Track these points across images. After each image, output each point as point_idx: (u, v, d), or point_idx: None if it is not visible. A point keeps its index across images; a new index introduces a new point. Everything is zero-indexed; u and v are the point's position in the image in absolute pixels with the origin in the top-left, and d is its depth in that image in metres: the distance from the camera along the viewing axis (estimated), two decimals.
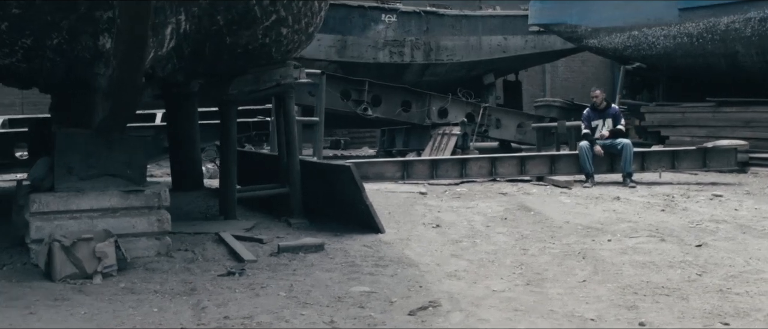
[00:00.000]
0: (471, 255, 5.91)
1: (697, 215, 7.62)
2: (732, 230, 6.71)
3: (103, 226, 5.58)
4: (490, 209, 8.30)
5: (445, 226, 7.23)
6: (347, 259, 5.72)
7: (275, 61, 7.09)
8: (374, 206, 6.82)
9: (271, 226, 7.19)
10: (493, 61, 21.38)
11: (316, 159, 11.45)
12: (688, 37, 14.29)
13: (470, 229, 7.08)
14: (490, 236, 6.68)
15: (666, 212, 7.89)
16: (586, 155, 10.96)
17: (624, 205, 8.48)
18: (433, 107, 17.28)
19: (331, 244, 6.25)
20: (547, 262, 5.61)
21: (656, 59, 15.38)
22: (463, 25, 20.90)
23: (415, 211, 8.11)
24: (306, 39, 7.05)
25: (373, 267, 5.46)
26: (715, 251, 5.88)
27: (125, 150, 5.86)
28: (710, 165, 11.24)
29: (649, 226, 7.01)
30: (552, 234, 6.77)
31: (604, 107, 11.38)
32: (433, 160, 11.71)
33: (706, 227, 6.88)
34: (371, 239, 6.50)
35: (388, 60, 19.82)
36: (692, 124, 14.23)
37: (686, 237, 6.45)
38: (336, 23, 19.06)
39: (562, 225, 7.23)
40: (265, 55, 6.62)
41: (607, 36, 16.17)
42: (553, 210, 8.13)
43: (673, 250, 5.94)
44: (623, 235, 6.65)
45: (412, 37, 20.04)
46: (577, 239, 6.53)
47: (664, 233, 6.66)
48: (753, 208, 8.14)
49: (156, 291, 4.84)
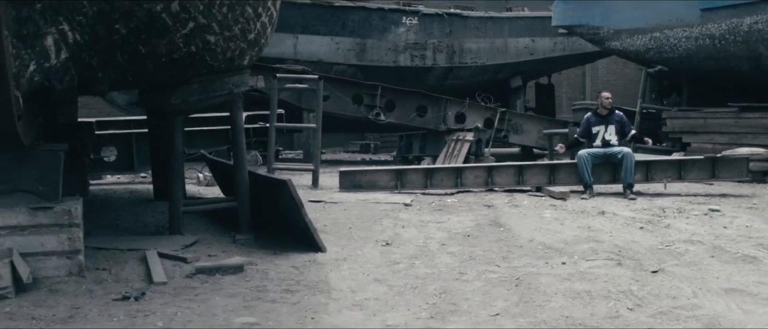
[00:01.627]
0: (399, 279, 5.47)
1: (676, 234, 7.02)
2: (702, 253, 6.12)
3: (10, 245, 5.33)
4: (461, 224, 7.84)
5: (397, 244, 6.80)
6: (262, 283, 5.34)
7: (219, 70, 6.77)
8: (342, 220, 6.45)
9: (214, 242, 6.86)
10: (519, 63, 20.80)
11: (265, 172, 10.99)
12: (710, 39, 13.53)
13: (421, 248, 6.63)
14: (435, 257, 6.23)
15: (644, 231, 7.31)
16: (585, 165, 10.38)
17: (605, 221, 7.92)
18: (449, 111, 16.82)
19: (259, 264, 5.89)
20: (475, 290, 5.14)
21: (678, 62, 14.62)
22: (489, 26, 20.36)
23: (378, 226, 7.69)
24: (249, 46, 6.70)
25: (282, 292, 5.07)
26: (668, 278, 5.32)
27: (38, 165, 5.60)
28: (720, 176, 10.53)
29: (615, 247, 6.46)
30: (505, 255, 6.28)
31: (607, 112, 10.76)
32: (427, 169, 11.27)
33: (674, 250, 6.29)
34: (305, 259, 6.12)
35: (409, 63, 19.41)
36: (713, 130, 13.47)
37: (647, 261, 5.89)
38: (355, 26, 18.76)
39: (524, 244, 6.73)
40: (199, 64, 6.30)
41: (629, 38, 15.46)
42: (525, 226, 7.63)
43: (623, 277, 5.40)
44: (581, 257, 6.12)
45: (434, 40, 19.59)
46: (528, 261, 6.04)
47: (626, 255, 6.11)
48: (744, 226, 7.49)
49: (34, 317, 4.55)
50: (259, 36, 6.74)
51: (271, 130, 12.11)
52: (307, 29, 18.24)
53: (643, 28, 15.00)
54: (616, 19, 15.72)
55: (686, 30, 13.96)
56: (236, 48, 6.43)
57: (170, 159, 7.06)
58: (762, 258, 5.84)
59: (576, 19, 16.94)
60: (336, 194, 10.63)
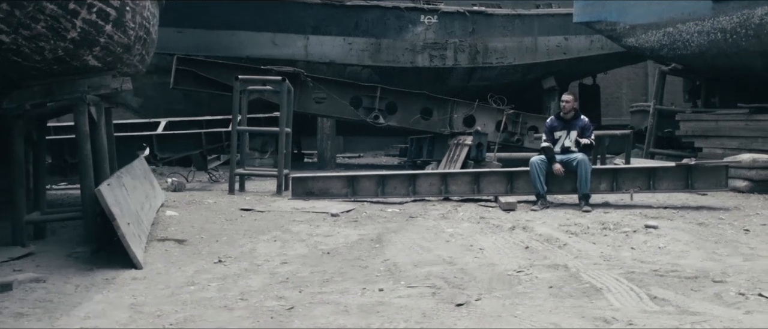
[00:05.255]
0: (164, 305, 4.82)
1: (553, 257, 6.07)
2: (545, 283, 5.17)
3: None
4: (343, 240, 7.11)
5: (232, 261, 6.15)
6: (19, 305, 4.81)
7: (56, 73, 6.31)
8: (226, 231, 5.89)
9: (53, 254, 6.40)
10: (551, 63, 19.60)
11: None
12: (722, 33, 12.18)
13: (248, 268, 5.94)
14: (244, 279, 5.53)
15: (528, 250, 6.38)
16: (537, 173, 9.41)
17: (501, 240, 6.99)
18: (455, 114, 15.91)
19: (47, 281, 5.38)
20: (224, 320, 4.44)
21: (691, 59, 13.28)
22: (516, 25, 19.28)
23: (248, 241, 7.05)
24: (80, 46, 6.17)
25: (15, 316, 4.53)
26: (464, 313, 4.47)
27: None
28: (696, 186, 9.31)
29: (460, 272, 5.59)
30: (329, 279, 5.53)
31: (571, 116, 9.73)
32: (380, 176, 10.50)
33: (522, 277, 5.38)
34: (107, 276, 5.58)
35: (428, 64, 18.57)
36: (724, 134, 12.13)
37: (471, 290, 5.02)
38: (369, 26, 18.10)
39: (370, 265, 5.97)
40: (16, 67, 5.85)
41: (644, 34, 14.20)
42: (402, 244, 6.81)
43: (415, 310, 4.57)
44: (406, 283, 5.30)
45: (455, 39, 18.68)
46: (345, 286, 5.27)
47: (456, 283, 5.25)
48: (657, 247, 6.46)
49: None
50: (90, 35, 6.20)
51: (233, 133, 11.63)
52: (318, 30, 17.71)
53: (656, 23, 13.72)
54: (631, 14, 14.47)
55: (698, 24, 12.64)
56: (54, 48, 5.93)
57: (11, 169, 6.62)
58: (605, 292, 4.87)
59: (595, 15, 15.75)
60: (281, 202, 10.05)
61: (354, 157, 24.21)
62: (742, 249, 6.39)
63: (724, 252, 6.25)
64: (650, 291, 4.81)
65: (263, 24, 17.27)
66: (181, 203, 9.71)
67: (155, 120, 14.89)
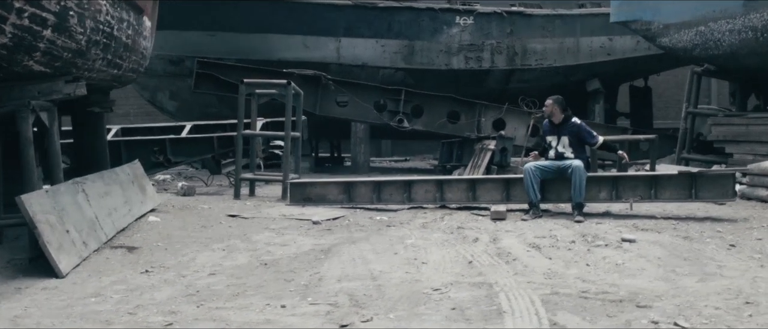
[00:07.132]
0: (31, 320, 4.68)
1: (497, 274, 5.65)
2: (446, 306, 4.76)
3: None
4: (296, 249, 6.87)
5: (159, 271, 5.98)
6: None
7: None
8: (190, 238, 5.71)
9: None
10: (594, 65, 18.85)
11: None
12: (753, 31, 11.40)
13: (173, 279, 5.76)
14: (149, 293, 5.33)
15: (470, 266, 5.98)
16: (531, 181, 8.96)
17: (469, 250, 6.61)
18: (483, 117, 15.48)
19: None
20: None
21: (723, 59, 12.49)
22: (557, 25, 18.62)
23: (187, 249, 6.89)
24: (9, 52, 6.08)
25: None
26: None
27: None
28: (700, 195, 8.68)
29: (375, 289, 5.26)
30: (239, 293, 5.29)
31: (561, 121, 9.25)
32: (376, 182, 10.21)
33: (431, 297, 5.00)
34: (22, 285, 5.49)
35: (464, 66, 18.12)
36: (754, 139, 11.36)
37: (372, 310, 4.69)
38: (402, 28, 17.79)
39: (295, 279, 5.69)
40: None
41: (677, 33, 13.44)
42: (353, 255, 6.51)
43: None
44: (311, 300, 5.00)
45: (492, 41, 18.16)
46: (251, 302, 5.02)
47: (362, 302, 4.91)
48: (613, 264, 5.96)
49: None
50: (25, 40, 6.10)
51: (238, 138, 11.53)
52: (350, 32, 17.49)
53: (688, 22, 12.96)
54: (665, 12, 13.72)
55: (729, 22, 11.85)
56: (15, 52, 5.89)
57: None
58: (507, 316, 4.45)
59: (630, 14, 15.01)
60: (275, 208, 9.91)
61: (400, 160, 23.93)
62: (709, 267, 5.84)
63: (684, 270, 5.72)
64: (555, 316, 4.38)
65: (294, 27, 17.16)
66: (174, 208, 9.65)
67: (181, 124, 14.96)
